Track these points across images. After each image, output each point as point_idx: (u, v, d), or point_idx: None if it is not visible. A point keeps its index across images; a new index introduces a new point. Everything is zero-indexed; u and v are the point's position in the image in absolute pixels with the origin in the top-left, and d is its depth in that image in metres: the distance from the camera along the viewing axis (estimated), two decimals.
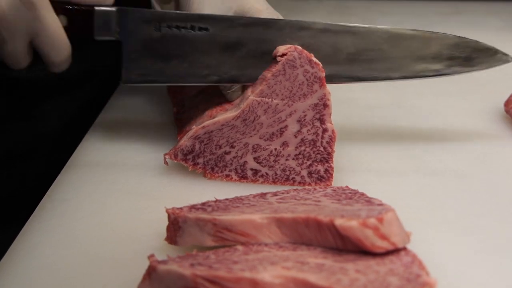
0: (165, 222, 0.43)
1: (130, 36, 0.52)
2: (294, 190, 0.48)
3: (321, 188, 0.49)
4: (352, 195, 0.45)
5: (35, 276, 0.42)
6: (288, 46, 0.52)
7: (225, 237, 0.41)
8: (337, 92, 0.60)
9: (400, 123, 0.67)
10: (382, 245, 0.37)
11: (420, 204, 0.51)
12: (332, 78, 0.54)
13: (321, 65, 0.51)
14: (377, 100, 0.74)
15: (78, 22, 0.51)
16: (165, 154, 0.52)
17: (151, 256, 0.38)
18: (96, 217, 0.49)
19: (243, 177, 0.54)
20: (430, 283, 0.34)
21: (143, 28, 0.52)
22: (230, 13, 0.56)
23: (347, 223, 0.37)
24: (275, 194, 0.47)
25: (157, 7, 0.63)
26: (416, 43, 0.55)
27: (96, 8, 0.51)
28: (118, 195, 0.52)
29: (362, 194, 0.46)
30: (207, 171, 0.53)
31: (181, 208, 0.43)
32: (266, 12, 0.56)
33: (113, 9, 0.51)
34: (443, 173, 0.56)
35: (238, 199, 0.45)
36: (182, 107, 0.63)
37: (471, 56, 0.55)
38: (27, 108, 0.69)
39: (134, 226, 0.47)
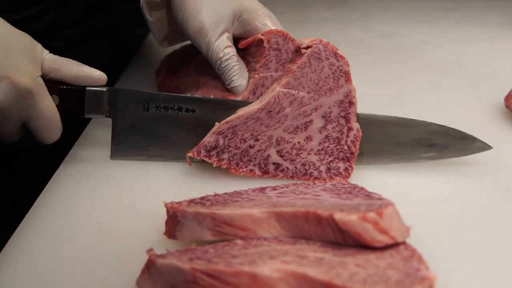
0: (164, 217, 0.43)
1: (119, 115, 0.54)
2: (294, 184, 0.48)
3: (320, 183, 0.49)
4: (351, 190, 0.45)
5: (34, 270, 0.42)
6: (313, 38, 0.52)
7: (224, 231, 0.40)
8: None
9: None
10: (382, 239, 0.37)
11: (420, 198, 0.51)
12: None
13: (346, 59, 0.52)
14: (378, 95, 0.74)
15: (70, 101, 0.52)
16: (188, 154, 0.52)
17: (150, 250, 0.38)
18: (95, 212, 0.49)
19: (265, 172, 0.53)
20: (429, 277, 0.34)
21: (132, 107, 0.54)
22: (228, 11, 0.56)
23: (347, 217, 0.37)
24: (274, 188, 0.47)
25: (147, 15, 0.63)
26: (396, 129, 0.56)
27: (88, 88, 0.53)
28: (117, 190, 0.52)
29: (362, 188, 0.46)
30: (232, 167, 0.53)
31: (180, 203, 0.43)
32: (262, 9, 0.58)
33: (104, 89, 0.53)
34: (444, 168, 0.56)
35: (237, 194, 0.45)
36: None
37: (449, 143, 0.55)
38: None
39: (133, 221, 0.47)
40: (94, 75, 0.53)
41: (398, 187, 0.52)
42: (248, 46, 0.57)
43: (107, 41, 0.78)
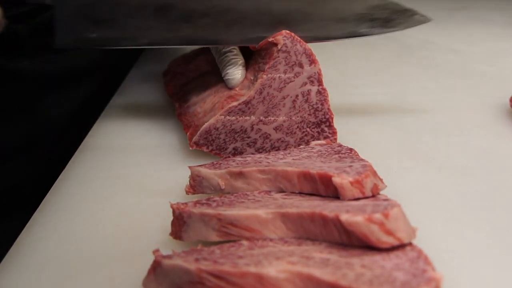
0: (170, 217, 0.43)
1: (62, 1, 0.52)
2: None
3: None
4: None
5: (41, 271, 0.42)
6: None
7: (230, 232, 0.41)
8: (340, 87, 0.60)
9: (405, 118, 0.67)
10: (388, 240, 0.37)
11: (426, 199, 0.50)
12: (258, 40, 0.55)
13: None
14: (381, 95, 0.74)
15: None
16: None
17: (156, 251, 0.38)
18: (101, 212, 0.49)
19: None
20: (436, 278, 0.34)
21: None
22: None
23: (353, 218, 0.37)
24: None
25: None
26: (338, 4, 0.56)
27: None
28: (123, 190, 0.52)
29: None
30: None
31: (186, 203, 0.43)
32: None
33: None
34: (449, 168, 0.56)
35: (243, 195, 0.45)
36: (184, 102, 0.63)
37: (390, 17, 0.56)
38: (32, 100, 0.69)
39: (139, 221, 0.47)
40: None
41: (403, 188, 0.52)
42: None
43: None
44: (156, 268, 0.37)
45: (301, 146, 0.55)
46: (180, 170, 0.54)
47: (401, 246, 0.37)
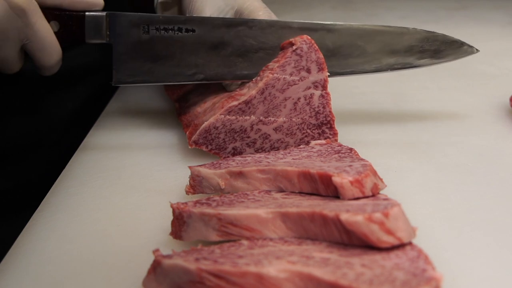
0: (170, 217, 0.43)
1: (119, 39, 0.54)
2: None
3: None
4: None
5: (41, 270, 0.42)
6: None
7: (230, 232, 0.41)
8: (340, 87, 0.60)
9: (406, 117, 0.67)
10: (388, 240, 0.37)
11: (426, 199, 0.50)
12: None
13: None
14: (381, 95, 0.74)
15: (70, 27, 0.53)
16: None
17: (156, 251, 0.38)
18: (101, 212, 0.49)
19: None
20: (436, 277, 0.34)
21: (132, 31, 0.54)
22: (231, 11, 0.58)
23: (353, 218, 0.37)
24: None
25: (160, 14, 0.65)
26: (388, 38, 0.58)
27: (87, 13, 0.53)
28: (123, 189, 0.52)
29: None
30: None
31: (186, 203, 0.43)
32: (264, 10, 0.59)
33: (103, 13, 0.53)
34: (449, 168, 0.56)
35: (243, 194, 0.45)
36: (185, 102, 0.63)
37: (439, 48, 0.58)
38: (33, 102, 0.69)
39: (139, 221, 0.47)
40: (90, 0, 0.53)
41: (404, 187, 0.52)
42: None
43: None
44: (156, 267, 0.37)
45: (301, 146, 0.55)
46: (180, 170, 0.54)
47: (401, 246, 0.37)
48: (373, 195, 0.43)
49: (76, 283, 0.41)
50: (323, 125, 0.56)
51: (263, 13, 0.58)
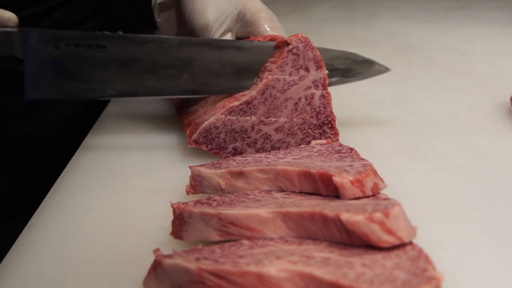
0: (170, 217, 0.43)
1: (31, 55, 0.54)
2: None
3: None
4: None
5: (41, 270, 0.42)
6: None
7: (231, 232, 0.41)
8: (341, 87, 0.60)
9: (406, 117, 0.67)
10: (389, 239, 0.37)
11: (426, 198, 0.50)
12: (225, 90, 0.56)
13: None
14: (381, 94, 0.74)
15: None
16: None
17: (156, 251, 0.38)
18: (102, 212, 0.49)
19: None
20: (436, 277, 0.34)
21: (43, 47, 0.54)
22: (234, 11, 0.58)
23: (353, 217, 0.37)
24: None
25: (156, 16, 0.64)
26: None
27: None
28: (123, 189, 0.52)
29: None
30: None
31: (186, 203, 0.43)
32: (266, 11, 0.59)
33: (15, 29, 0.53)
34: (449, 168, 0.56)
35: (244, 194, 0.45)
36: (185, 102, 0.63)
37: (349, 67, 0.59)
38: (33, 103, 0.69)
39: (140, 221, 0.47)
40: (5, 15, 0.53)
41: (404, 187, 0.52)
42: None
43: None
44: (157, 267, 0.37)
45: (302, 146, 0.55)
46: (180, 170, 0.54)
47: (401, 245, 0.37)
48: (373, 195, 0.43)
49: (77, 283, 0.41)
50: (324, 125, 0.56)
51: (265, 14, 0.58)
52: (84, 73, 0.54)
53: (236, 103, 0.54)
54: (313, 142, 0.55)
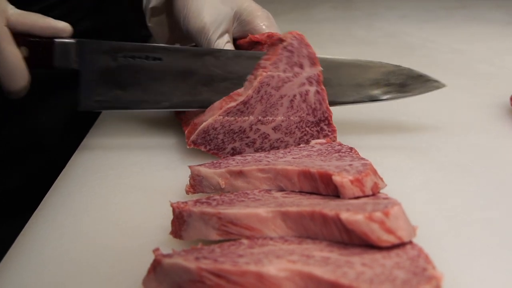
0: (170, 216, 0.43)
1: (87, 66, 0.54)
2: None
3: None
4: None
5: (41, 270, 0.42)
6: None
7: (230, 231, 0.40)
8: None
9: (405, 117, 0.67)
10: (388, 239, 0.37)
11: (426, 198, 0.50)
12: None
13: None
14: None
15: (39, 53, 0.53)
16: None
17: (156, 250, 0.38)
18: (102, 212, 0.49)
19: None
20: (436, 276, 0.34)
21: (100, 58, 0.54)
22: (231, 12, 0.58)
23: (353, 217, 0.37)
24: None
25: (147, 20, 0.65)
26: (354, 71, 0.58)
27: (56, 40, 0.53)
28: (123, 189, 0.52)
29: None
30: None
31: (186, 202, 0.43)
32: (261, 11, 0.60)
33: (73, 40, 0.54)
34: (449, 168, 0.56)
35: (243, 194, 0.45)
36: None
37: (405, 83, 0.58)
38: (33, 102, 0.69)
39: (139, 220, 0.47)
40: (59, 25, 0.53)
41: (404, 187, 0.52)
42: (263, 44, 0.57)
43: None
44: (156, 267, 0.37)
45: (301, 145, 0.55)
46: (179, 170, 0.54)
47: (401, 245, 0.37)
48: (373, 194, 0.43)
49: (76, 283, 0.41)
50: (321, 122, 0.56)
51: (261, 13, 0.59)
52: (140, 85, 0.55)
53: (233, 103, 0.53)
54: (313, 142, 0.55)
